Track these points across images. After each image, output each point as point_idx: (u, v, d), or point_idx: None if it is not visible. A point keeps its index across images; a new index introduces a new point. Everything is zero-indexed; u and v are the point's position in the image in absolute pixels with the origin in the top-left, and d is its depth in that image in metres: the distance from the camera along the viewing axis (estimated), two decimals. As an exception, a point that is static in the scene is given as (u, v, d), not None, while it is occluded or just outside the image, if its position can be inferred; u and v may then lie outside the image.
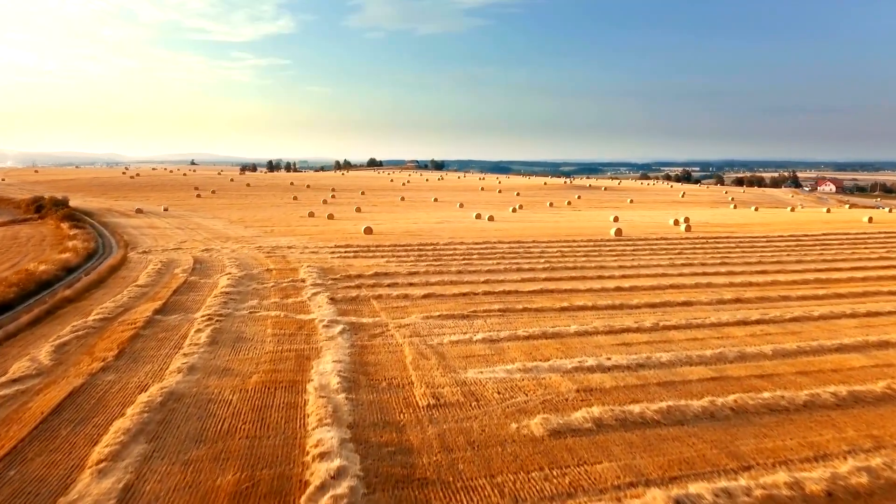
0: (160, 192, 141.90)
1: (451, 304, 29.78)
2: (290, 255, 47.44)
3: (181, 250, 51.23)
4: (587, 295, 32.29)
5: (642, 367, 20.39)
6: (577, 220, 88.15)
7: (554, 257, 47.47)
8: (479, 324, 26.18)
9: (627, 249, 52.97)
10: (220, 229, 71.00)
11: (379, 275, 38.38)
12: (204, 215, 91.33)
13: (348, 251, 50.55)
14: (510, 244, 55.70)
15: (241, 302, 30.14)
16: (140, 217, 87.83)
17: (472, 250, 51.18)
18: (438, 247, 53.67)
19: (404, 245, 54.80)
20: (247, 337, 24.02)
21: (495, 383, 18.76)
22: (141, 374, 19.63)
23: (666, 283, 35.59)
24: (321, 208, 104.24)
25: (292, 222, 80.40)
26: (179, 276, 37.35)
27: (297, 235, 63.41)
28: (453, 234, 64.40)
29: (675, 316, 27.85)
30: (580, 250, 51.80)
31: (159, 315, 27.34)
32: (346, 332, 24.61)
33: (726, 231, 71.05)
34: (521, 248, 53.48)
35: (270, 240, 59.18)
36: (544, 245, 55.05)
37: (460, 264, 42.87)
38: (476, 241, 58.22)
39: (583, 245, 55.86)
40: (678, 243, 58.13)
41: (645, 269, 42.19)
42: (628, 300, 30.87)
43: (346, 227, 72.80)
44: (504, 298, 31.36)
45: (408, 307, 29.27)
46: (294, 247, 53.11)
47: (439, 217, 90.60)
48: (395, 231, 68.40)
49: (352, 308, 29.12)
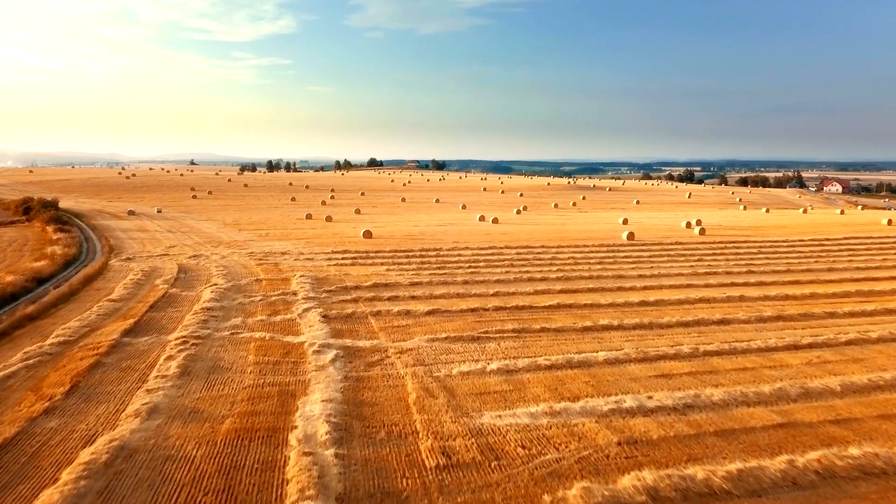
0: (156, 192, 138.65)
1: (458, 323, 26.46)
2: (283, 263, 44.15)
3: (167, 257, 47.95)
4: (610, 311, 28.95)
5: (691, 408, 17.06)
6: (585, 223, 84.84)
7: (566, 265, 44.15)
8: (492, 348, 22.85)
9: (643, 256, 49.64)
10: (213, 233, 67.74)
11: (378, 286, 35.07)
12: (198, 217, 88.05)
13: (346, 258, 47.26)
14: (518, 250, 52.38)
15: (223, 320, 26.83)
16: (131, 219, 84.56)
17: (479, 257, 47.86)
18: (442, 253, 50.36)
19: (405, 251, 51.50)
20: (224, 366, 20.70)
21: (518, 433, 15.44)
22: (91, 419, 16.32)
23: (694, 297, 32.23)
24: (319, 210, 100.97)
25: (289, 225, 77.14)
26: (160, 287, 34.05)
27: (293, 240, 60.15)
28: (457, 239, 61.10)
29: (714, 337, 24.52)
30: (593, 257, 48.47)
31: (128, 337, 24.04)
32: (340, 360, 21.30)
33: (742, 234, 67.72)
34: (531, 254, 50.16)
35: (264, 244, 55.89)
36: (554, 251, 51.73)
37: (466, 273, 39.56)
38: (481, 246, 54.92)
39: (595, 251, 52.53)
40: (695, 248, 54.79)
41: (667, 278, 38.87)
42: (657, 318, 27.53)
43: (345, 231, 69.53)
44: (518, 315, 28.04)
45: (410, 327, 25.95)
46: (288, 253, 49.82)
47: (441, 219, 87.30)
48: (395, 235, 65.11)
49: (347, 328, 25.80)
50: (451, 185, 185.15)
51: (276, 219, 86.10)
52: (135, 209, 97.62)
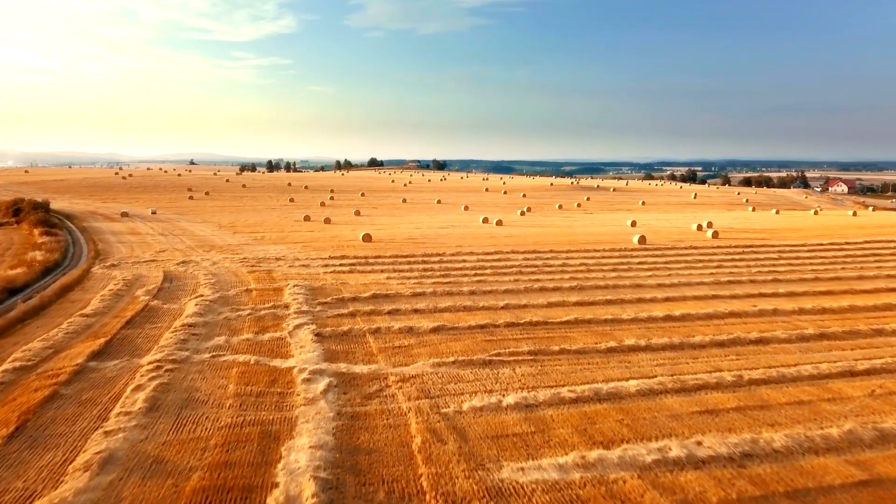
0: (152, 193, 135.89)
1: (467, 343, 23.71)
2: (277, 270, 41.42)
3: (155, 263, 45.23)
4: (634, 328, 26.21)
5: (750, 458, 14.31)
6: (592, 225, 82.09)
7: (579, 272, 41.41)
8: (506, 375, 20.10)
9: (659, 262, 46.87)
10: (207, 235, 65.03)
11: (378, 297, 32.32)
12: (192, 219, 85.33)
13: (343, 264, 44.53)
14: (525, 255, 49.64)
15: (205, 339, 24.09)
16: (124, 221, 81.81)
17: (484, 262, 45.11)
18: (445, 258, 47.63)
19: (407, 256, 48.77)
20: (199, 398, 17.97)
21: (546, 492, 12.71)
22: (31, 474, 13.59)
23: (723, 310, 29.46)
24: (318, 211, 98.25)
25: (285, 227, 74.41)
26: (140, 299, 31.31)
27: (289, 244, 57.43)
28: (460, 242, 58.36)
29: (755, 361, 21.78)
30: (606, 263, 45.72)
31: (96, 361, 21.31)
32: (333, 390, 18.56)
33: (757, 238, 64.96)
34: (539, 259, 47.42)
35: (258, 249, 53.17)
36: (564, 256, 48.98)
37: (473, 282, 36.83)
38: (487, 250, 52.18)
39: (607, 256, 49.78)
40: (712, 254, 52.03)
41: (688, 287, 36.11)
42: (687, 336, 24.78)
43: (344, 234, 66.80)
44: (532, 333, 25.29)
45: (413, 347, 23.21)
46: (283, 258, 47.08)
47: (443, 221, 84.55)
48: (396, 238, 62.39)
49: (342, 348, 23.06)
50: (453, 185, 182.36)
51: (273, 221, 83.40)
52: (129, 210, 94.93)
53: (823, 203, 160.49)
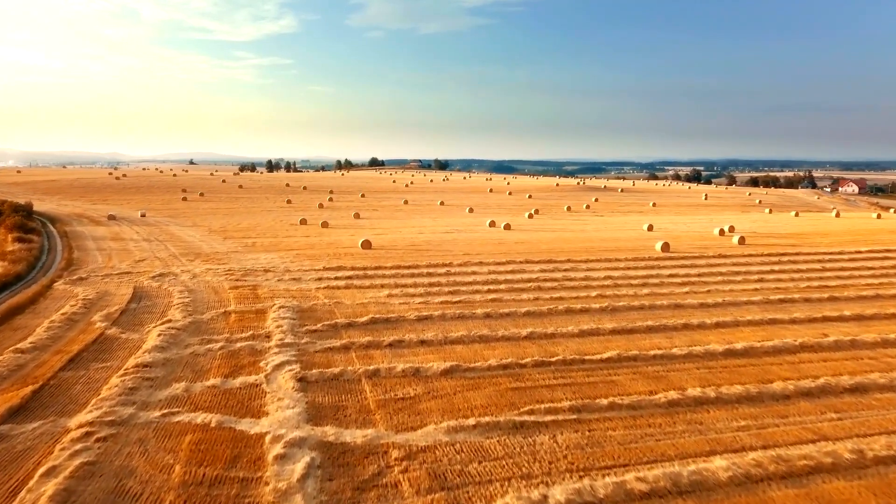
0: (145, 194, 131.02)
1: (488, 393, 18.83)
2: (264, 285, 36.58)
3: (129, 276, 40.39)
4: (691, 367, 21.31)
5: None
6: (606, 229, 77.15)
7: (605, 287, 36.52)
8: (546, 448, 15.21)
9: (692, 274, 41.96)
10: (194, 242, 60.21)
11: (377, 322, 27.46)
12: (182, 223, 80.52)
13: (339, 276, 39.69)
14: (541, 265, 44.76)
15: (159, 386, 19.22)
16: (109, 225, 76.97)
17: (497, 275, 40.24)
18: (453, 269, 42.76)
19: (410, 266, 43.91)
20: (131, 490, 13.10)
21: None
22: None
23: (792, 342, 24.51)
24: (316, 214, 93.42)
25: (280, 232, 69.59)
26: (96, 326, 26.45)
27: (282, 251, 52.62)
28: (468, 250, 53.51)
29: (866, 422, 16.87)
30: (634, 276, 40.84)
31: (10, 423, 16.45)
32: (315, 475, 13.70)
33: (787, 244, 60.08)
34: (557, 271, 42.55)
35: (247, 258, 48.35)
36: (585, 267, 44.10)
37: (486, 301, 31.96)
38: (498, 259, 47.33)
39: (632, 267, 44.88)
40: (746, 264, 47.13)
41: (735, 308, 31.21)
42: (763, 381, 19.87)
43: (341, 240, 61.95)
44: (569, 376, 20.40)
45: (420, 400, 18.33)
46: (273, 270, 42.24)
47: (448, 225, 79.68)
48: (397, 244, 57.55)
49: (331, 401, 18.19)
50: (456, 185, 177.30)
51: (268, 224, 78.57)
52: (117, 213, 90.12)
53: (837, 204, 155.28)
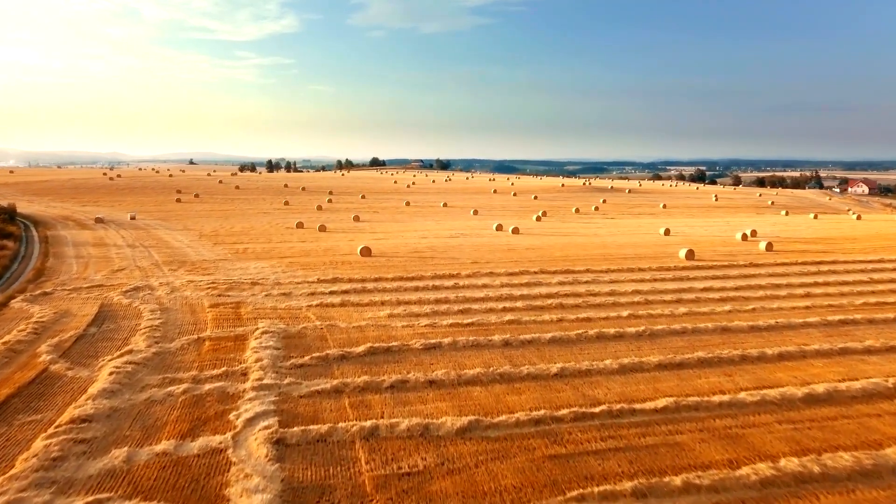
0: (138, 195, 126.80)
1: (521, 466, 14.51)
2: (249, 302, 32.33)
3: (101, 289, 36.14)
4: (770, 421, 16.99)
5: None
6: (620, 233, 72.78)
7: (637, 305, 32.23)
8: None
9: (728, 288, 37.63)
10: (182, 248, 55.99)
11: (376, 352, 23.17)
12: (172, 226, 76.26)
13: (335, 291, 35.44)
14: (558, 275, 40.48)
15: (94, 455, 14.92)
16: (95, 228, 72.73)
17: (512, 289, 35.96)
18: (461, 282, 38.46)
19: (414, 278, 39.64)
20: None
21: None
22: None
23: (884, 383, 20.16)
24: (313, 217, 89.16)
25: (274, 237, 65.36)
26: (41, 358, 22.17)
27: (275, 259, 48.39)
28: (476, 257, 49.23)
29: None
30: (663, 289, 36.54)
31: None
32: None
33: (818, 250, 55.76)
34: (578, 283, 38.26)
35: (236, 267, 44.13)
36: (607, 279, 39.79)
37: (503, 324, 27.67)
38: (510, 269, 43.05)
39: (659, 278, 40.57)
40: (784, 275, 42.80)
41: (792, 332, 26.90)
42: (870, 445, 15.58)
43: (339, 245, 57.70)
44: (621, 436, 16.08)
45: (431, 475, 14.01)
46: (261, 282, 38.00)
47: (453, 228, 75.36)
48: (399, 251, 53.28)
49: (314, 478, 13.89)
50: (459, 186, 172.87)
51: (262, 228, 74.32)
52: (105, 216, 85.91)
53: (850, 205, 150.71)
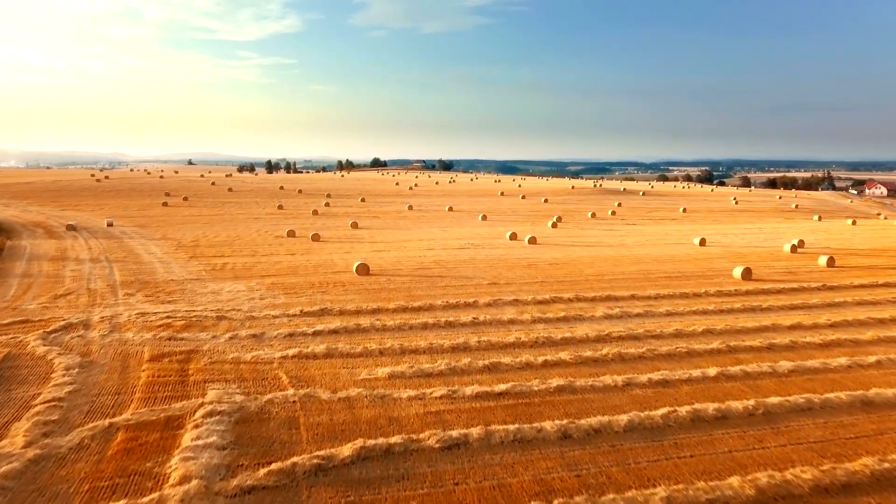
0: (124, 198, 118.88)
1: None
2: (205, 350, 24.45)
3: (24, 326, 28.30)
4: None
5: None
6: (649, 242, 64.76)
7: (719, 355, 24.31)
8: None
9: (819, 324, 29.71)
10: (151, 263, 48.19)
11: (370, 456, 15.26)
12: (151, 234, 68.42)
13: (320, 330, 27.56)
14: (599, 305, 32.61)
15: None
16: (64, 238, 64.88)
17: (547, 326, 28.08)
18: (481, 314, 30.52)
19: (421, 308, 31.75)
20: None
21: None
22: None
23: None
24: (307, 223, 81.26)
25: (261, 248, 57.52)
26: None
27: (255, 278, 40.63)
28: (493, 276, 41.40)
29: None
30: (739, 326, 28.62)
31: None
32: None
33: (884, 265, 47.91)
34: (627, 316, 30.38)
35: (207, 290, 36.43)
36: (661, 308, 31.92)
37: (551, 393, 19.76)
38: (538, 293, 35.24)
39: (725, 307, 32.65)
40: (874, 303, 34.99)
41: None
42: None
43: (333, 260, 49.85)
44: None
45: None
46: (230, 316, 30.12)
47: (461, 237, 67.40)
48: (402, 266, 45.41)
49: None
50: (463, 188, 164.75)
51: (249, 237, 66.46)
52: (81, 222, 78.15)
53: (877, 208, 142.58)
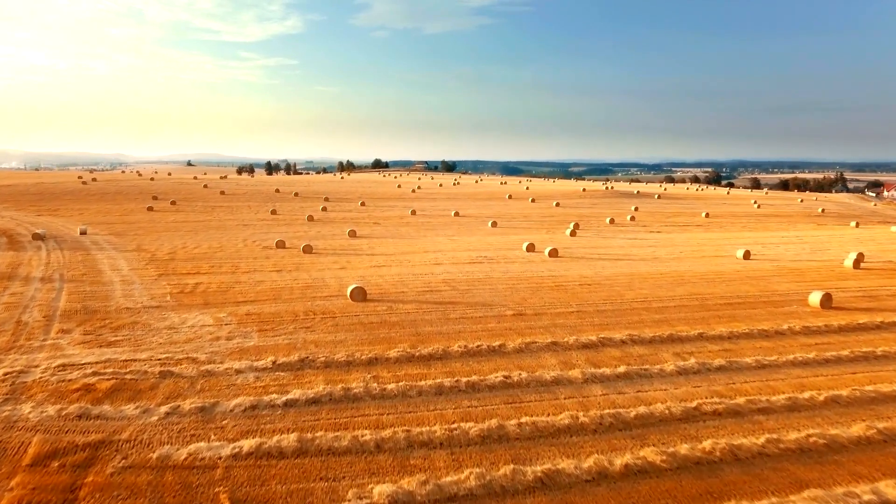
0: (109, 202, 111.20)
1: None
2: (124, 438, 16.95)
3: None
4: None
5: None
6: (685, 255, 57.05)
7: (862, 451, 16.66)
8: None
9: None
10: (113, 282, 40.78)
11: None
12: (125, 244, 60.87)
13: (293, 399, 20.00)
14: (663, 349, 24.99)
15: None
16: (25, 249, 57.41)
17: (603, 388, 20.52)
18: (514, 371, 22.90)
19: (432, 357, 24.14)
20: None
21: None
22: None
23: None
24: (300, 231, 73.66)
25: (243, 262, 49.97)
26: None
27: (229, 305, 33.23)
28: (516, 301, 33.87)
29: None
30: (859, 383, 20.94)
31: None
32: None
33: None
34: (708, 370, 22.78)
35: (165, 323, 28.95)
36: (745, 360, 24.29)
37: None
38: (578, 330, 27.69)
39: (831, 356, 24.98)
40: None
41: None
42: None
43: (324, 278, 42.33)
44: None
45: None
46: (179, 370, 22.61)
47: (472, 248, 59.71)
48: (406, 287, 37.83)
49: None
50: (468, 190, 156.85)
51: (233, 248, 58.92)
52: (52, 230, 70.70)
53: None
